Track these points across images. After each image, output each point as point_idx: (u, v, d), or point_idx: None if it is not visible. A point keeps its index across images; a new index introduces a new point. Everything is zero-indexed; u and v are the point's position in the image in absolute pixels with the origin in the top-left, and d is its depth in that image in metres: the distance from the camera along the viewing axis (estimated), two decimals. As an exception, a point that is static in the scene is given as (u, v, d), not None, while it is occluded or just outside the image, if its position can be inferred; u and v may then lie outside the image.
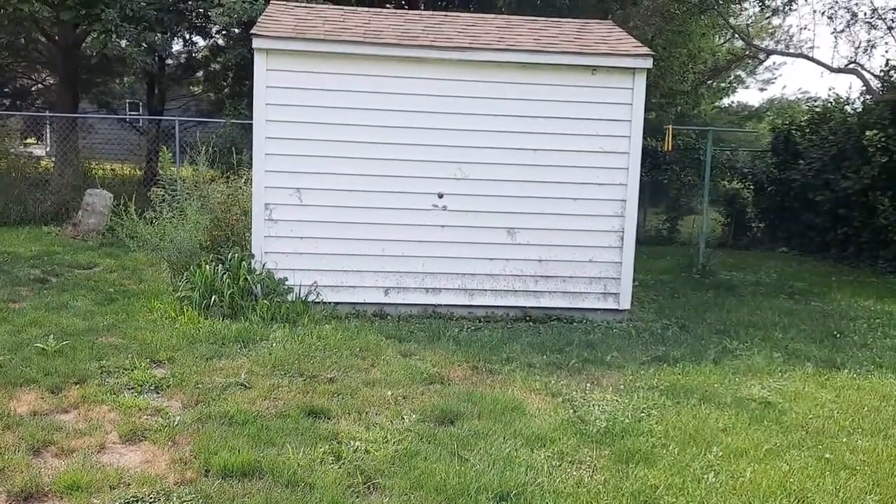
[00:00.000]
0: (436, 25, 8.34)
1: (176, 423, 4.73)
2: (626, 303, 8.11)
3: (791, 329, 7.94)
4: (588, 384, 5.86)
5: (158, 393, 5.31)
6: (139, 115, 24.25)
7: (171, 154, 8.16)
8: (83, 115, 16.09)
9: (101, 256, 10.29)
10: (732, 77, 24.35)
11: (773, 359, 6.74)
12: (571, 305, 8.04)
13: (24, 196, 13.08)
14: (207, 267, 7.29)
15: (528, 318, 7.92)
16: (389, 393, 5.42)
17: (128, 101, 26.69)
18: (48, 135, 20.98)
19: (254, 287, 7.31)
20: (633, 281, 8.40)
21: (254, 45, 7.37)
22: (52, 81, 19.95)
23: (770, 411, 5.42)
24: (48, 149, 21.23)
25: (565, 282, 8.04)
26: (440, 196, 7.80)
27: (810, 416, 5.36)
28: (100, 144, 19.46)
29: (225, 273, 7.30)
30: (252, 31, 7.43)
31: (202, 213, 7.76)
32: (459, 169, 7.80)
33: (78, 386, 5.31)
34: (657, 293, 9.76)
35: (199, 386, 5.39)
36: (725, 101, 25.76)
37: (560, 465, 4.40)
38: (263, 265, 7.55)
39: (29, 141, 19.38)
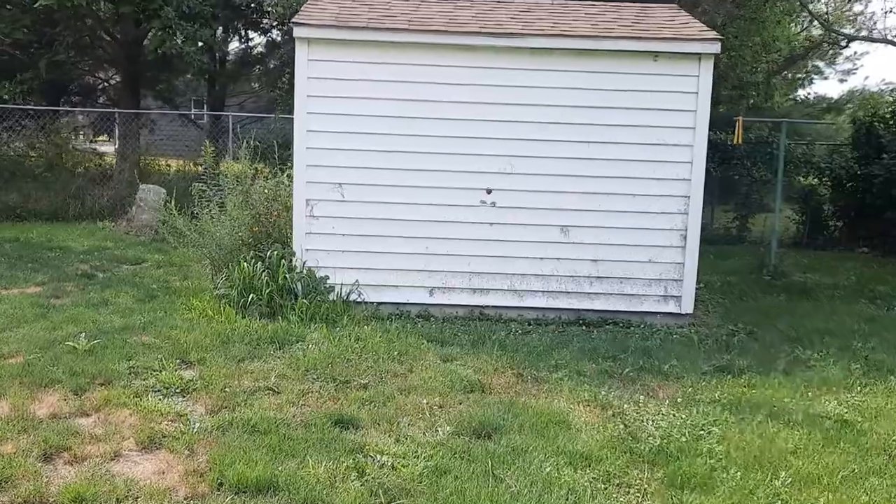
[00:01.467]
0: (487, 11, 7.93)
1: (195, 430, 4.48)
2: (688, 306, 7.55)
3: (872, 337, 7.24)
4: (642, 396, 5.38)
5: (184, 396, 5.08)
6: (194, 111, 24.51)
7: (212, 149, 7.96)
8: (139, 112, 16.21)
9: (151, 252, 10.24)
10: (810, 67, 23.16)
11: (851, 371, 6.11)
12: (628, 308, 7.54)
13: (83, 191, 13.20)
14: (246, 265, 7.07)
15: (581, 322, 7.45)
16: (425, 401, 5.06)
17: (192, 98, 27.09)
18: (117, 131, 21.38)
19: (294, 286, 7.06)
20: (698, 283, 7.83)
21: (294, 34, 7.11)
22: (118, 79, 20.28)
23: (847, 431, 4.86)
24: (117, 145, 21.63)
25: (622, 283, 7.53)
26: (488, 192, 7.40)
27: (894, 437, 4.77)
28: (162, 141, 19.71)
29: (264, 271, 7.07)
30: (293, 20, 7.18)
31: (243, 208, 7.55)
32: (509, 163, 7.38)
33: (103, 387, 5.12)
34: (724, 296, 9.12)
35: (227, 390, 5.14)
36: (802, 94, 24.51)
37: (605, 489, 3.97)
38: (304, 263, 7.29)
39: (101, 138, 19.75)
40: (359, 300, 7.33)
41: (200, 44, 13.91)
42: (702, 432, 4.73)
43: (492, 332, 6.90)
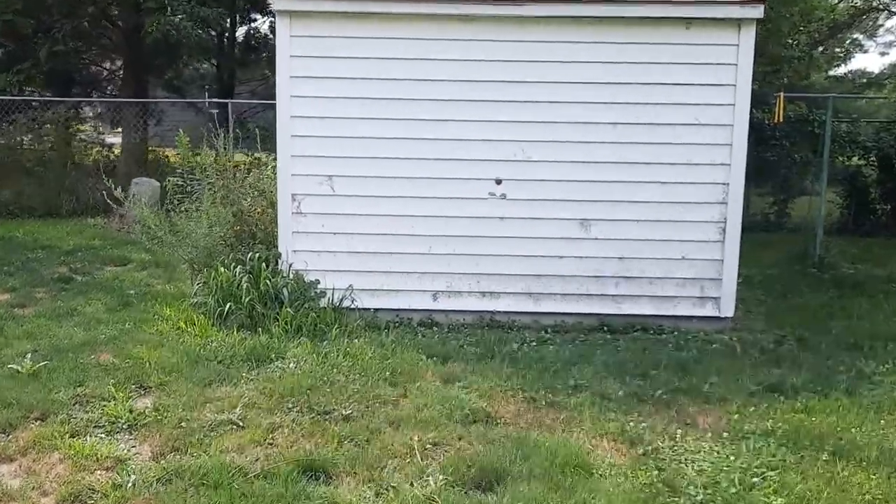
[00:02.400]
0: (494, -22, 7.01)
1: (131, 483, 3.67)
2: (728, 309, 6.63)
3: (944, 344, 6.27)
4: (679, 427, 4.48)
5: (131, 433, 4.29)
6: (201, 100, 23.76)
7: (188, 138, 7.16)
8: (139, 101, 15.44)
9: (139, 251, 9.47)
10: (850, 41, 21.81)
11: (927, 389, 5.17)
12: (659, 312, 6.63)
13: (76, 186, 12.51)
14: (224, 269, 6.27)
15: (605, 328, 6.56)
16: (417, 438, 4.22)
17: (206, 87, 26.36)
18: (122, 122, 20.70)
19: (279, 292, 6.25)
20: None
21: (273, 7, 6.27)
22: (123, 69, 19.58)
23: (936, 474, 3.93)
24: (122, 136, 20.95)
25: (652, 284, 6.63)
26: (498, 182, 6.51)
27: None
28: (170, 132, 18.98)
29: (245, 276, 6.26)
30: (272, -10, 6.33)
31: (223, 204, 6.74)
32: (521, 149, 6.49)
33: (38, 423, 4.36)
34: (765, 293, 8.16)
35: (183, 425, 4.34)
36: (842, 70, 23.18)
37: (635, 567, 3.11)
38: (290, 266, 6.47)
39: (118, 131, 19.10)
40: (353, 307, 6.50)
41: (199, 19, 13.12)
42: (755, 478, 3.83)
43: (503, 342, 6.04)
